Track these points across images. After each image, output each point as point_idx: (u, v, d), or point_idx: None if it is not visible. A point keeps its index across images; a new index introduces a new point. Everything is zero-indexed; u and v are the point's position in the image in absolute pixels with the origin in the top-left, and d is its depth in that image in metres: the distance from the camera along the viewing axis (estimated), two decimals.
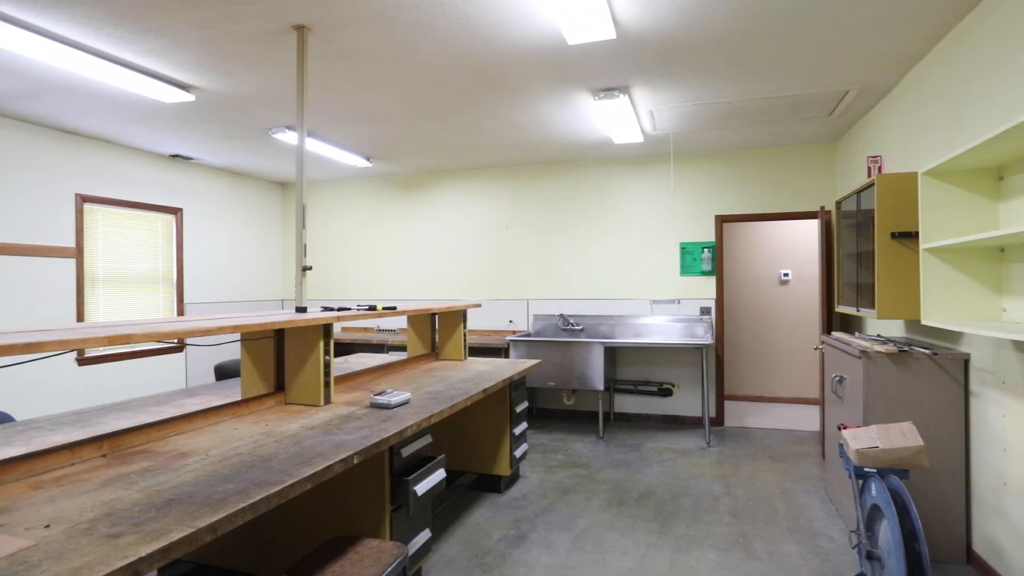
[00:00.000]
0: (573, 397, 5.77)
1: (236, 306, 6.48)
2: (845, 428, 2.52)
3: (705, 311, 5.56)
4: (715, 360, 5.49)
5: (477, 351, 5.64)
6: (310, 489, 2.27)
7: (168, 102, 3.93)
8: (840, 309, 3.81)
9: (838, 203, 3.88)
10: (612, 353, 5.64)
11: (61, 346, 1.50)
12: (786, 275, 6.50)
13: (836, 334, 3.59)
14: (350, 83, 3.61)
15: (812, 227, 6.43)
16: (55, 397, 4.61)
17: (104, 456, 1.82)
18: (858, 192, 3.39)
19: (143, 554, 1.15)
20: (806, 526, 3.18)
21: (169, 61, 3.24)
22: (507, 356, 5.45)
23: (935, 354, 2.71)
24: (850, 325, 4.75)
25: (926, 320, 2.47)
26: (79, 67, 3.16)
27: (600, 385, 4.97)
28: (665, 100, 3.99)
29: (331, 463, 1.74)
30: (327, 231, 7.00)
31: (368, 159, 5.71)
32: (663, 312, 5.69)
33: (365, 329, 6.60)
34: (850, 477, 2.41)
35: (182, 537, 1.23)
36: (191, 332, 1.90)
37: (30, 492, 1.49)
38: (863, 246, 3.33)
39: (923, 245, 2.49)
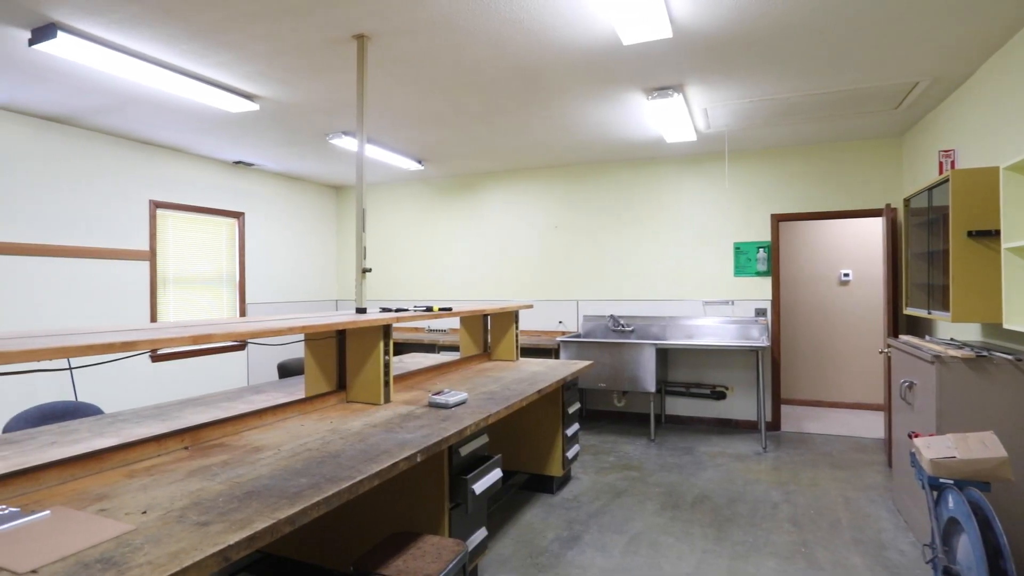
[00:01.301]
0: (624, 399, 5.72)
1: (293, 306, 6.73)
2: (916, 436, 2.41)
3: (760, 312, 5.40)
4: (771, 363, 5.33)
5: (527, 352, 5.66)
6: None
7: (234, 112, 4.12)
8: (908, 311, 3.63)
9: (906, 200, 3.71)
10: (663, 355, 5.56)
11: (151, 345, 1.60)
12: (846, 275, 6.25)
13: (904, 337, 3.43)
14: (404, 88, 3.70)
15: (875, 225, 6.16)
16: (131, 391, 4.90)
17: (186, 448, 1.93)
18: (929, 188, 3.23)
19: (231, 542, 1.22)
20: (873, 537, 3.05)
21: (237, 73, 3.40)
22: (557, 357, 5.46)
23: (1019, 360, 2.56)
24: (919, 328, 4.52)
25: (1008, 324, 2.33)
26: (157, 82, 3.36)
27: (651, 387, 4.90)
28: (720, 97, 3.91)
29: (396, 460, 1.79)
30: (378, 233, 7.18)
31: (419, 162, 5.82)
32: (716, 313, 5.57)
33: (416, 329, 6.73)
34: (923, 488, 2.30)
35: (264, 528, 1.30)
36: (263, 332, 2.00)
37: (125, 480, 1.60)
38: (935, 245, 3.17)
39: (1005, 244, 2.36)
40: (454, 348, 5.92)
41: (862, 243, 6.21)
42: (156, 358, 5.10)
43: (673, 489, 3.82)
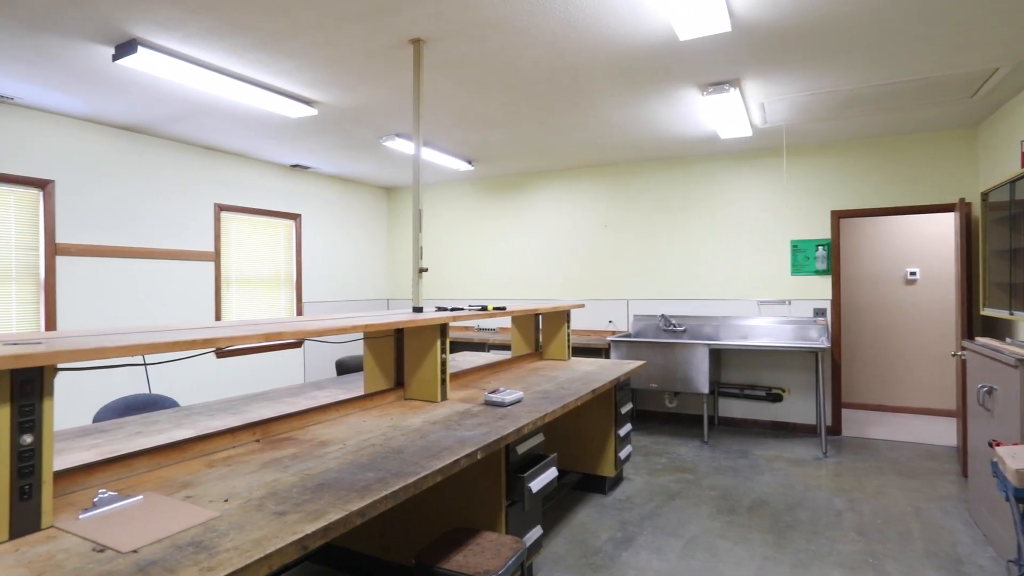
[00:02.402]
0: (675, 399, 5.62)
1: (347, 305, 6.92)
2: (999, 445, 2.28)
3: (819, 312, 5.21)
4: (831, 365, 5.13)
5: (577, 351, 5.65)
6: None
7: (294, 117, 4.28)
8: (986, 312, 3.43)
9: (984, 194, 3.50)
10: (716, 355, 5.44)
11: (229, 342, 1.68)
12: (913, 274, 5.94)
13: (981, 340, 3.24)
14: (457, 90, 3.75)
15: (945, 221, 5.83)
16: (197, 385, 5.16)
17: (258, 441, 2.02)
18: (1011, 181, 3.04)
19: (308, 532, 1.27)
20: (948, 551, 2.90)
21: (298, 80, 3.52)
22: (607, 356, 5.41)
23: None
24: (996, 330, 4.26)
25: None
26: (224, 91, 3.52)
27: (704, 388, 4.80)
28: (778, 91, 3.79)
29: (457, 457, 1.82)
30: (427, 233, 7.29)
31: (470, 162, 5.89)
32: (772, 313, 5.40)
33: (466, 328, 6.81)
34: (1007, 500, 2.17)
35: (338, 519, 1.35)
36: (328, 330, 2.07)
37: (206, 469, 1.69)
38: (1018, 241, 2.98)
39: None
40: (503, 347, 5.96)
41: (930, 240, 5.89)
42: (221, 354, 5.35)
43: (729, 493, 3.73)
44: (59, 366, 1.72)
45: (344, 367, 3.81)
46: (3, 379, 1.20)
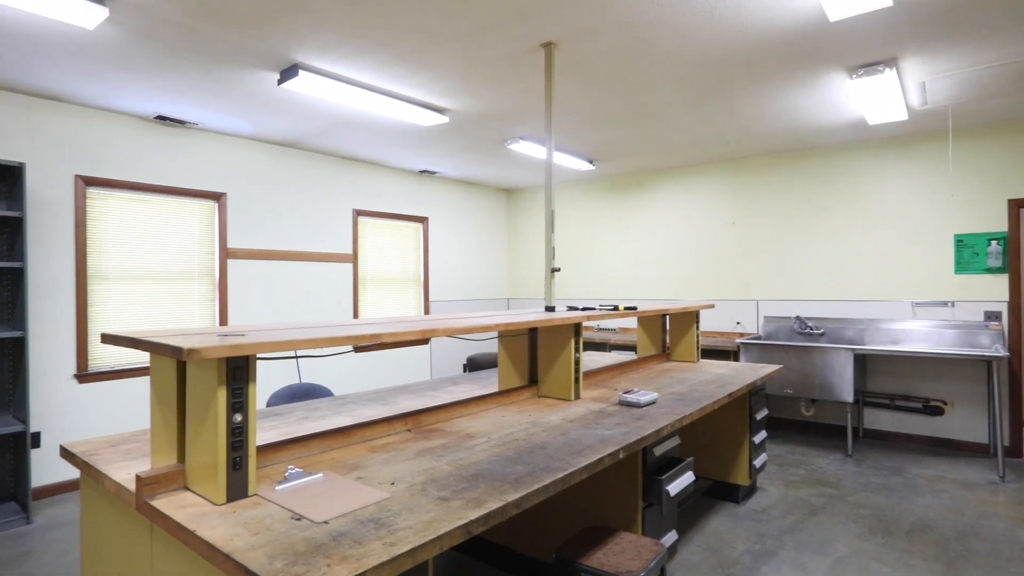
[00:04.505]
0: (812, 407, 5.22)
1: (470, 304, 7.19)
2: None
3: (992, 316, 4.57)
4: (1008, 376, 4.48)
5: (704, 353, 5.43)
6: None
7: (427, 126, 4.53)
8: None
9: None
10: (861, 361, 4.96)
11: (392, 336, 1.82)
12: None
13: None
14: (583, 90, 3.75)
15: None
16: (337, 376, 5.63)
17: (409, 430, 2.17)
18: None
19: (472, 518, 1.35)
20: None
21: (433, 90, 3.72)
22: (735, 359, 5.15)
23: None
24: None
25: None
26: (365, 105, 3.81)
27: (848, 396, 4.41)
28: (944, 67, 3.38)
29: (601, 456, 1.83)
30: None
31: (591, 162, 5.87)
32: (929, 316, 4.83)
33: (586, 328, 6.80)
34: None
35: (496, 508, 1.42)
36: (471, 328, 2.17)
37: (369, 454, 1.85)
38: None
39: None
40: (624, 347, 5.88)
41: None
42: (358, 349, 5.79)
43: (882, 513, 3.39)
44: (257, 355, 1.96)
45: (474, 364, 3.97)
46: (221, 366, 1.39)
